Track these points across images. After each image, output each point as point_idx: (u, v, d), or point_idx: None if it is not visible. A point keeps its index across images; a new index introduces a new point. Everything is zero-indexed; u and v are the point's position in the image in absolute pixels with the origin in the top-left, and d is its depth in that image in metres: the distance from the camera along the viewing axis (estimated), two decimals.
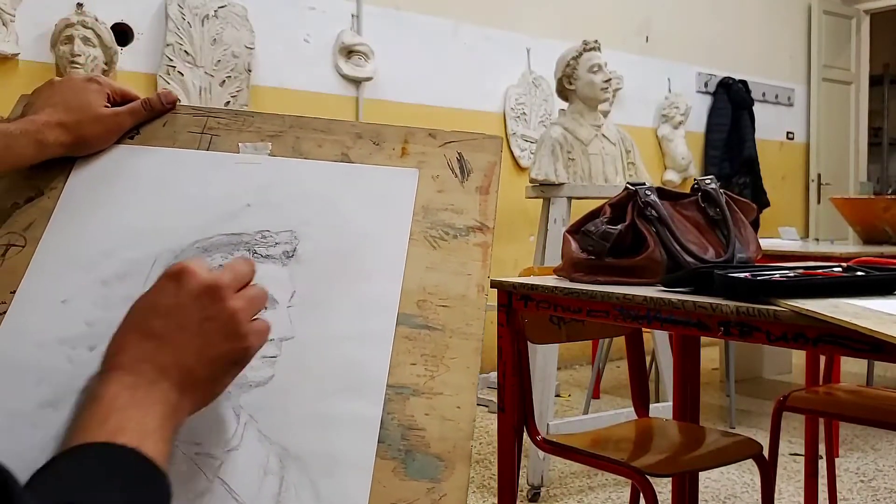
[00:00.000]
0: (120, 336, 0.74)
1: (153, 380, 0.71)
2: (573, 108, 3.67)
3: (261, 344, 0.79)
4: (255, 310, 0.79)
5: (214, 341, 0.74)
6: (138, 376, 0.70)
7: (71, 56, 3.59)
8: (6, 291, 0.90)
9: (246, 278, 0.80)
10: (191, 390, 0.73)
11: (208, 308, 0.74)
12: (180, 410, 0.72)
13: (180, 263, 0.77)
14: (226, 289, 0.76)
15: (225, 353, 0.75)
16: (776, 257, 3.04)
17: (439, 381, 0.87)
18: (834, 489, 2.69)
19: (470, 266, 0.95)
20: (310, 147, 1.03)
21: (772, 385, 4.80)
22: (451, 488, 0.80)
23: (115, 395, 0.68)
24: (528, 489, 3.05)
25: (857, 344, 1.15)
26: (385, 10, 4.73)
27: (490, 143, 1.05)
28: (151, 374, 0.71)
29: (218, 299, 0.75)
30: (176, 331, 0.73)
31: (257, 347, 0.78)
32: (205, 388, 0.75)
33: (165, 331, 0.73)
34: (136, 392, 0.69)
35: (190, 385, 0.73)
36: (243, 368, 0.78)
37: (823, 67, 7.30)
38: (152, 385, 0.70)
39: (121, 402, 0.68)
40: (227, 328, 0.75)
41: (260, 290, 0.81)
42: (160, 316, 0.74)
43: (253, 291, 0.80)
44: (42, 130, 0.95)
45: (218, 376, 0.76)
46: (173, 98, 1.07)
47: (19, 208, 0.98)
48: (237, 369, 0.77)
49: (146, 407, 0.69)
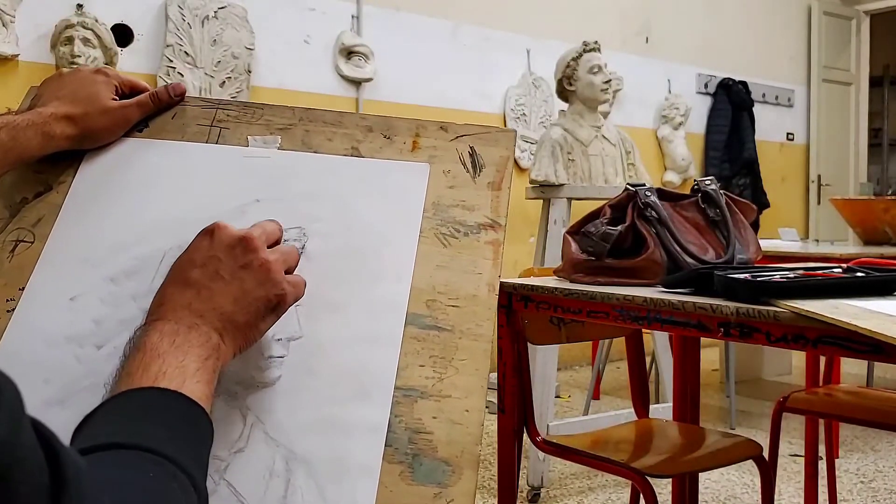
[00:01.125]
0: (161, 291, 0.79)
1: (192, 325, 0.74)
2: (573, 109, 3.67)
3: (296, 295, 0.82)
4: (287, 262, 0.83)
5: (249, 287, 0.78)
6: (178, 323, 0.74)
7: (71, 57, 3.59)
8: (15, 288, 0.90)
9: (275, 234, 0.84)
10: (230, 333, 0.77)
11: (241, 257, 0.78)
12: (221, 352, 0.75)
13: (214, 222, 0.81)
14: (257, 240, 0.80)
15: (261, 298, 0.78)
16: (776, 258, 3.05)
17: (448, 383, 0.85)
18: (834, 490, 2.69)
19: (481, 265, 0.93)
20: (320, 141, 1.02)
21: (772, 386, 4.80)
22: (459, 494, 0.79)
23: (157, 343, 0.72)
24: (528, 490, 3.05)
25: (857, 345, 1.15)
26: (385, 11, 4.73)
27: (503, 137, 1.03)
28: (190, 320, 0.75)
29: (251, 249, 0.79)
30: (212, 279, 0.77)
31: (293, 296, 0.81)
32: (244, 332, 0.78)
33: (202, 279, 0.77)
34: (175, 337, 0.72)
35: (229, 329, 0.77)
36: (280, 316, 0.81)
37: (823, 68, 7.31)
38: (191, 330, 0.74)
39: (162, 349, 0.71)
40: (261, 275, 0.78)
41: (292, 248, 0.85)
42: (196, 266, 0.78)
43: (285, 247, 0.85)
44: (49, 122, 0.95)
45: (255, 321, 0.79)
46: (182, 90, 1.06)
47: (28, 203, 0.97)
48: (273, 316, 0.81)
49: (186, 350, 0.72)
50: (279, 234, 0.86)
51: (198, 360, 0.72)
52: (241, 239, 0.79)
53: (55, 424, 0.80)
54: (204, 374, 0.72)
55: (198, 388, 0.70)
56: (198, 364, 0.72)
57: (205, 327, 0.75)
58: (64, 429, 0.80)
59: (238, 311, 0.77)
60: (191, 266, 0.78)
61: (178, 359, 0.71)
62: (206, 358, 0.73)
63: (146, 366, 0.69)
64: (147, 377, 0.68)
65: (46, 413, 0.82)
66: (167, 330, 0.73)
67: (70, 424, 0.79)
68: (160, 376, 0.69)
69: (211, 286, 0.77)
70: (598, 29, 5.18)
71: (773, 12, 7.04)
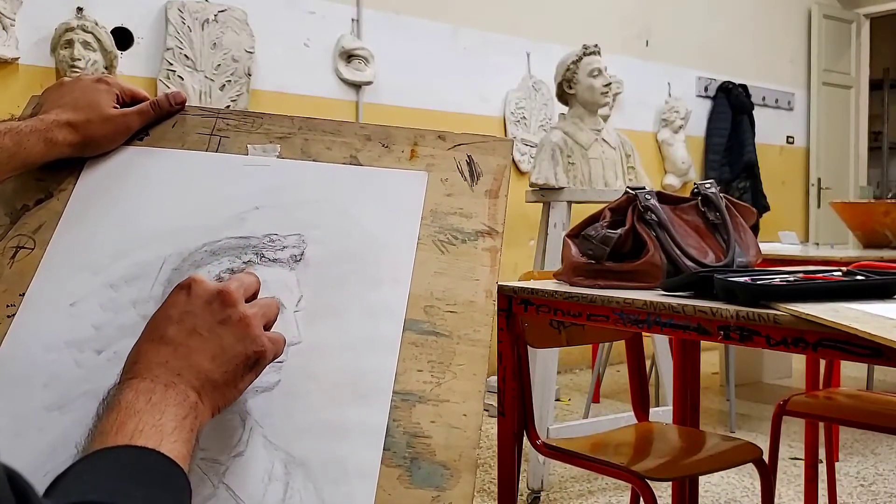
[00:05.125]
0: (136, 348, 0.76)
1: (169, 383, 0.72)
2: (573, 112, 3.67)
3: (276, 352, 0.80)
4: (267, 317, 0.80)
5: (228, 343, 0.76)
6: (154, 381, 0.71)
7: (71, 60, 3.59)
8: (15, 294, 0.91)
9: (253, 287, 0.82)
10: (208, 392, 0.74)
11: (219, 312, 0.76)
12: (198, 412, 0.73)
13: (189, 276, 0.79)
14: (235, 294, 0.78)
15: (240, 355, 0.76)
16: (776, 261, 3.04)
17: (446, 388, 0.86)
18: (834, 493, 2.69)
19: (478, 271, 0.94)
20: (319, 149, 1.03)
21: (772, 389, 4.79)
22: (457, 497, 0.80)
23: (133, 401, 0.69)
24: (528, 493, 3.05)
25: (857, 348, 1.15)
26: (385, 14, 4.74)
27: (500, 146, 1.04)
28: (167, 378, 0.72)
29: (228, 304, 0.77)
30: (189, 335, 0.75)
31: (272, 352, 0.79)
32: (222, 390, 0.76)
33: (179, 336, 0.75)
34: (152, 395, 0.70)
35: (207, 387, 0.74)
36: (259, 373, 0.79)
37: (823, 72, 7.31)
38: (168, 388, 0.71)
39: (138, 407, 0.69)
40: (240, 331, 0.76)
41: (271, 300, 0.82)
42: (173, 323, 0.76)
43: (264, 300, 0.82)
44: (51, 129, 0.96)
45: (234, 379, 0.77)
46: (182, 98, 1.07)
47: (29, 210, 0.98)
48: (252, 374, 0.78)
49: (163, 409, 0.70)
50: (257, 286, 0.83)
51: (175, 419, 0.69)
52: (219, 293, 0.77)
53: (54, 429, 0.81)
54: (181, 433, 0.69)
55: (175, 447, 0.68)
56: (175, 423, 0.69)
57: (182, 385, 0.72)
58: (63, 433, 0.80)
59: (216, 368, 0.75)
60: (167, 322, 0.76)
61: (155, 417, 0.68)
62: (184, 417, 0.71)
63: (121, 424, 0.67)
64: (123, 436, 0.66)
65: (46, 418, 0.82)
66: (143, 388, 0.71)
67: (69, 429, 0.79)
68: (136, 435, 0.66)
69: (188, 343, 0.75)
70: (599, 32, 5.18)
71: (773, 15, 7.05)
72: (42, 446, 0.80)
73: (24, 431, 0.81)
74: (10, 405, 0.83)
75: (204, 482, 0.79)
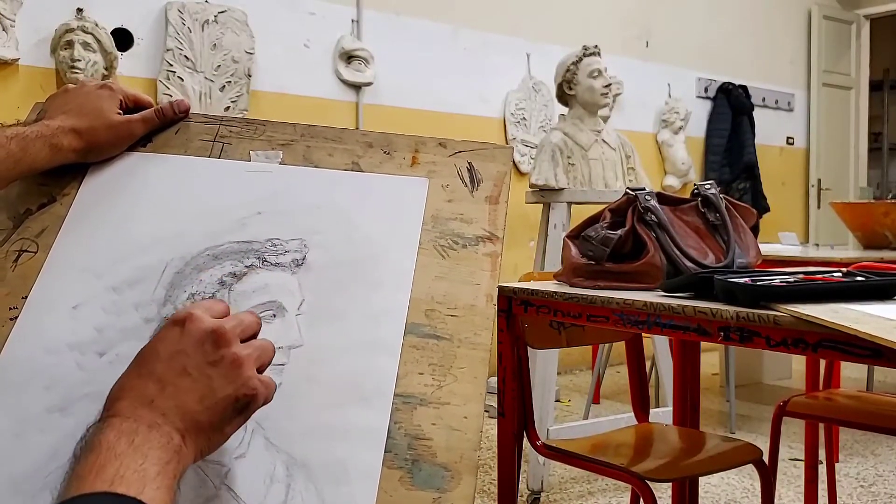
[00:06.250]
0: (120, 382, 0.72)
1: (153, 424, 0.68)
2: (573, 113, 3.68)
3: (267, 396, 0.76)
4: (261, 360, 0.77)
5: (217, 385, 0.72)
6: (137, 421, 0.68)
7: (71, 61, 3.59)
8: (18, 297, 0.91)
9: (251, 329, 0.78)
10: (192, 435, 0.71)
11: (211, 353, 0.73)
12: (183, 456, 0.69)
13: (186, 309, 0.75)
14: (230, 333, 0.74)
15: (229, 398, 0.73)
16: (776, 262, 3.05)
17: (447, 390, 0.87)
18: (834, 494, 2.69)
19: (479, 276, 0.95)
20: (321, 156, 1.04)
21: (772, 390, 4.80)
22: (458, 498, 0.81)
23: (114, 442, 0.65)
24: (529, 494, 3.05)
25: (857, 349, 1.16)
26: (385, 15, 4.74)
27: (500, 153, 1.05)
28: (151, 418, 0.68)
29: (222, 344, 0.73)
30: (178, 375, 0.71)
31: (263, 397, 0.76)
32: (207, 435, 0.72)
33: (167, 375, 0.71)
34: (135, 437, 0.66)
35: (192, 430, 0.71)
36: (248, 418, 0.76)
37: (823, 72, 7.32)
38: (152, 429, 0.68)
39: (119, 449, 0.65)
40: (231, 373, 0.73)
41: (267, 342, 0.79)
42: (162, 360, 0.72)
43: (259, 342, 0.78)
44: (56, 135, 0.97)
45: (221, 423, 0.73)
46: (186, 106, 1.08)
47: (32, 214, 0.99)
48: (241, 418, 0.75)
49: (146, 452, 0.66)
50: (257, 328, 0.79)
51: (158, 464, 0.65)
52: (213, 332, 0.73)
53: (55, 431, 0.81)
54: (164, 479, 0.65)
55: (158, 494, 0.63)
56: (158, 468, 0.65)
57: (166, 427, 0.68)
58: (64, 435, 0.80)
59: (203, 410, 0.71)
60: (156, 359, 0.72)
61: (138, 461, 0.64)
62: (168, 462, 0.66)
63: (101, 468, 0.63)
64: (102, 481, 0.62)
65: (47, 420, 0.82)
66: (126, 428, 0.66)
67: (70, 431, 0.79)
68: (117, 480, 0.62)
69: (176, 382, 0.71)
70: (599, 33, 5.18)
71: (773, 16, 7.05)
72: (43, 448, 0.80)
73: (25, 433, 0.81)
74: (12, 407, 0.83)
75: (205, 484, 0.80)
